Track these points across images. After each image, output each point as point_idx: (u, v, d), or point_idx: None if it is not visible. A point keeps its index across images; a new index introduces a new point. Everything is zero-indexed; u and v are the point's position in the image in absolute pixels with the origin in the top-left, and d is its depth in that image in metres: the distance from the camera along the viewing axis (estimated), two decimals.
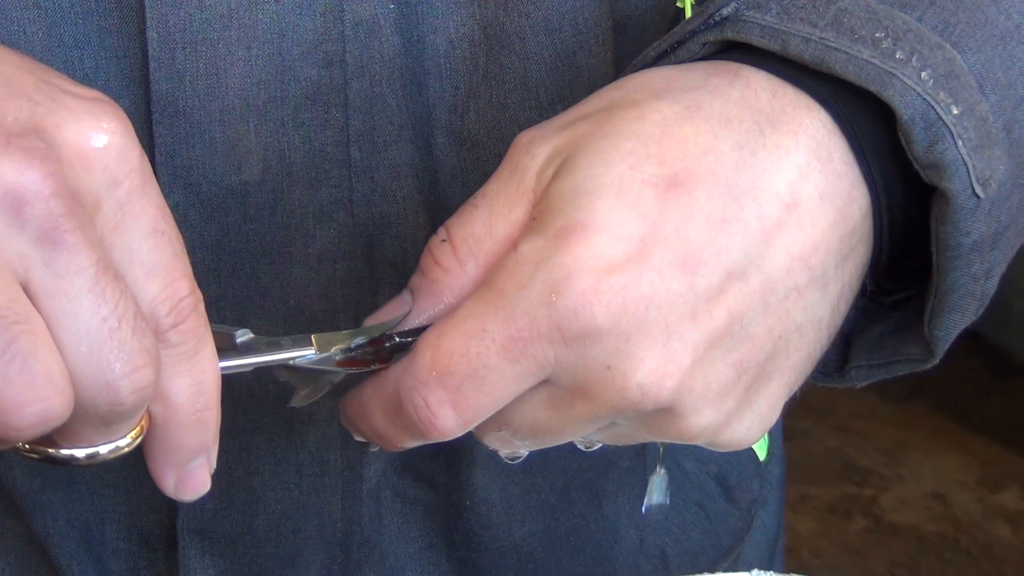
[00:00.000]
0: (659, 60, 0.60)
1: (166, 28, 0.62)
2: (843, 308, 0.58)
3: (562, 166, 0.54)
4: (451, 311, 0.55)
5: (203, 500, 0.71)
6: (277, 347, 0.57)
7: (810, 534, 2.78)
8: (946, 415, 3.08)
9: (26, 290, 0.45)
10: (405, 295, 0.58)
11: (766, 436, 0.86)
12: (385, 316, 0.58)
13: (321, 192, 0.66)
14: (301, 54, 0.64)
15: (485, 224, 0.56)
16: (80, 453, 0.50)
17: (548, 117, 0.67)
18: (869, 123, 0.56)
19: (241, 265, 0.66)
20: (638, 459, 0.79)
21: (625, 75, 0.59)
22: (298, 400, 0.59)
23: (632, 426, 0.56)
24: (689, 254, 0.52)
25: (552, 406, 0.55)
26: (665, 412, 0.54)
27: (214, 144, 0.64)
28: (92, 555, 0.74)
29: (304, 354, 0.57)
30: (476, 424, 0.55)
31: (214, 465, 0.54)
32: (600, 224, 0.52)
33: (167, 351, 0.49)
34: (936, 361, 0.61)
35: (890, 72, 0.54)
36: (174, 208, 0.64)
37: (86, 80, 0.64)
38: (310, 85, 0.64)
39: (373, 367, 0.57)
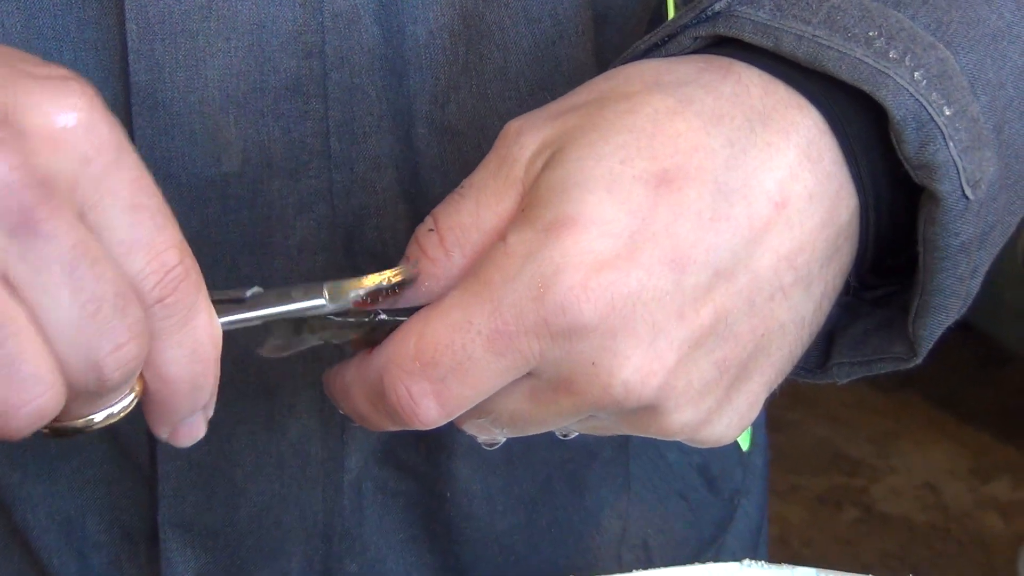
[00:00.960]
0: (649, 53, 0.59)
1: (145, 20, 0.62)
2: (826, 306, 0.58)
3: (552, 158, 0.54)
4: (437, 300, 0.55)
5: (184, 493, 0.71)
6: (288, 299, 0.56)
7: (801, 524, 2.78)
8: (937, 405, 3.08)
9: (6, 282, 0.46)
10: None
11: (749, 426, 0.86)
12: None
13: (301, 183, 0.66)
14: (280, 45, 0.64)
15: (472, 214, 0.55)
16: (98, 416, 0.51)
17: (529, 107, 0.66)
18: (859, 121, 0.56)
19: (221, 257, 0.66)
20: (620, 450, 0.79)
21: (615, 67, 0.58)
22: (266, 351, 0.58)
23: (612, 420, 0.56)
24: (678, 252, 0.52)
25: (534, 398, 0.55)
26: (647, 409, 0.54)
27: (194, 136, 0.64)
28: (73, 548, 0.74)
29: (316, 304, 0.56)
30: (458, 414, 0.55)
31: (211, 414, 0.55)
32: (590, 218, 0.52)
33: (157, 323, 0.49)
34: (919, 360, 0.61)
35: (883, 72, 0.54)
36: None
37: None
38: (289, 76, 0.64)
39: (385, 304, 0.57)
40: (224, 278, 0.67)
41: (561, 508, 0.78)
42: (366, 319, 0.56)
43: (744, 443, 0.87)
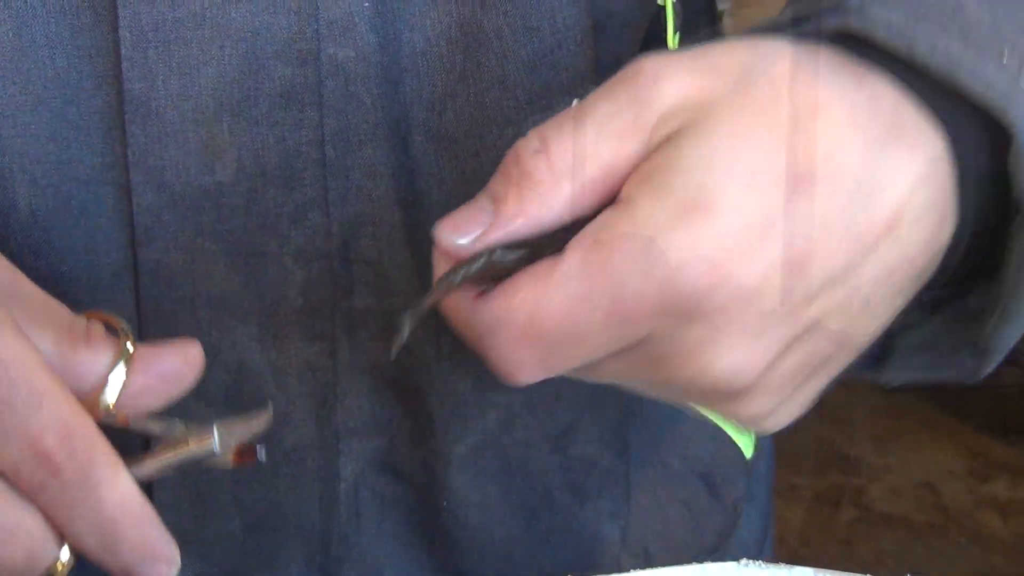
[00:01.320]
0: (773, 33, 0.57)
1: (139, 27, 0.62)
2: (898, 311, 0.57)
3: (691, 125, 0.52)
4: (537, 225, 0.53)
5: (180, 503, 0.71)
6: (184, 444, 0.57)
7: (799, 524, 2.78)
8: (936, 405, 3.08)
9: None
10: (484, 203, 0.54)
11: (751, 434, 0.86)
12: (465, 222, 0.54)
13: (296, 192, 0.65)
14: (275, 53, 0.63)
15: (591, 145, 0.52)
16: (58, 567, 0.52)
17: (526, 116, 0.66)
18: (969, 137, 0.55)
19: (215, 266, 0.66)
20: (620, 458, 0.78)
21: (748, 35, 0.56)
22: (397, 347, 0.56)
23: (685, 394, 0.55)
24: (802, 255, 0.51)
25: (625, 364, 0.54)
26: (727, 394, 0.53)
27: (187, 144, 0.64)
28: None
29: (208, 449, 0.57)
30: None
31: (174, 559, 0.54)
32: (727, 209, 0.50)
33: (48, 502, 0.50)
34: (985, 373, 0.60)
35: (1014, 94, 0.53)
36: (147, 209, 0.64)
37: (58, 79, 0.63)
38: (284, 84, 0.64)
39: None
40: (218, 287, 0.66)
41: (560, 516, 0.78)
42: (480, 263, 0.53)
43: (748, 450, 0.87)
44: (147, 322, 0.67)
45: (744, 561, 0.70)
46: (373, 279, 0.68)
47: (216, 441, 0.57)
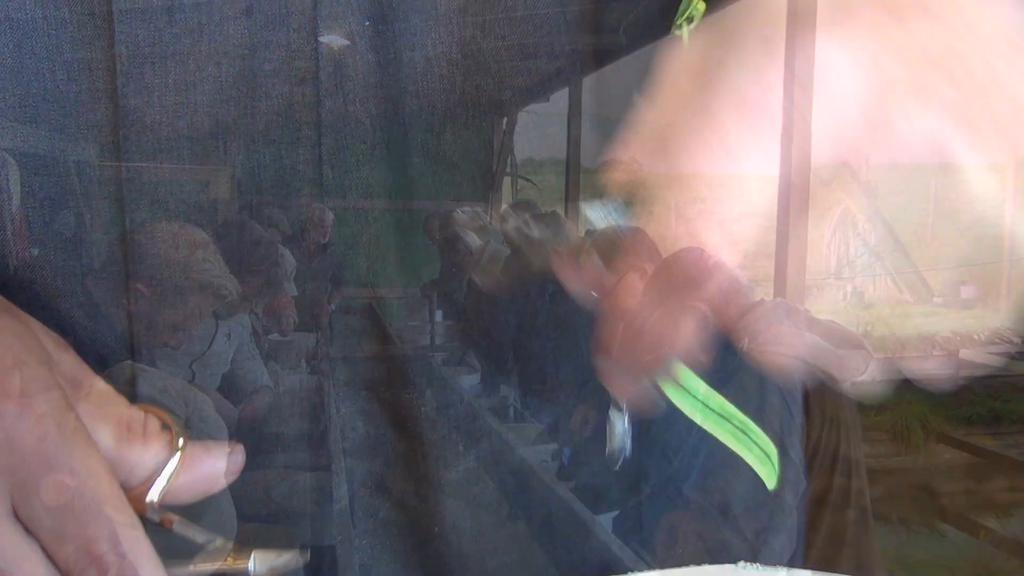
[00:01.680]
0: None
1: (135, 43, 0.61)
2: None
3: None
4: None
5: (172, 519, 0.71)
6: (220, 558, 0.60)
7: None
8: (934, 404, 3.08)
9: None
10: None
11: (775, 466, 0.85)
12: None
13: (292, 210, 0.65)
14: (273, 71, 0.63)
15: None
16: None
17: (525, 140, 0.66)
18: None
19: (209, 283, 0.66)
20: (632, 490, 0.78)
21: None
22: None
23: None
24: None
25: None
26: None
27: (182, 161, 0.63)
28: None
29: (239, 569, 0.60)
30: None
31: None
32: None
33: None
34: None
35: None
36: (140, 225, 0.64)
37: (56, 93, 0.63)
38: (282, 102, 0.63)
39: None
40: (211, 305, 0.66)
41: (563, 549, 0.77)
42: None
43: (771, 482, 0.86)
44: (139, 340, 0.66)
45: (742, 563, 0.70)
46: (369, 300, 0.67)
47: (252, 566, 0.60)
